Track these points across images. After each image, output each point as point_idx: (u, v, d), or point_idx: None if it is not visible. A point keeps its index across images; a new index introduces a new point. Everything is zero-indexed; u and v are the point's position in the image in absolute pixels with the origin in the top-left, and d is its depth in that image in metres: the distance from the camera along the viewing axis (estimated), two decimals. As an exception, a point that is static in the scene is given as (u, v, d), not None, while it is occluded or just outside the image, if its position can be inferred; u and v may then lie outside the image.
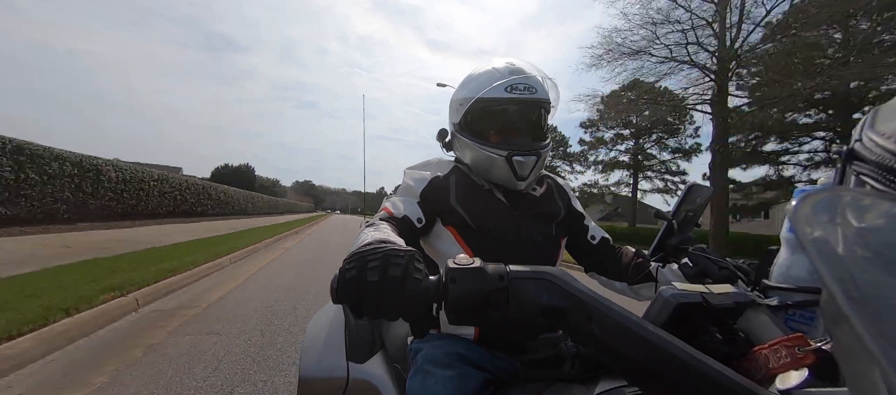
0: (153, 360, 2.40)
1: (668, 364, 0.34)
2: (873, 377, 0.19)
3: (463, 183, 0.88)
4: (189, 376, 2.21)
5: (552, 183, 0.98)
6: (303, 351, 0.95)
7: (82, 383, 2.09)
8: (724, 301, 0.48)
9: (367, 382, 0.85)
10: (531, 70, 0.87)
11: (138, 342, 2.71)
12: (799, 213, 0.24)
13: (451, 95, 0.97)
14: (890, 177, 0.32)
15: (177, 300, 3.84)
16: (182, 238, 8.43)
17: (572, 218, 0.95)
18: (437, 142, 1.02)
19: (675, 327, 0.46)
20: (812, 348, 0.38)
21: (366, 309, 0.41)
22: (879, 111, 0.37)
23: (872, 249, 0.21)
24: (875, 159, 0.34)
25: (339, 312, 1.02)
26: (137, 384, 2.11)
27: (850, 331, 0.19)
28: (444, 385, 0.68)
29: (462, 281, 0.40)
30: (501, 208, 0.86)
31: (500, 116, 0.87)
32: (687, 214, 0.95)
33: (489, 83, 0.84)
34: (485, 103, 0.85)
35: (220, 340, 2.78)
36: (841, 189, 0.36)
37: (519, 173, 0.83)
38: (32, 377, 2.16)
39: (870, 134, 0.36)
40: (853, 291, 0.20)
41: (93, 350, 2.54)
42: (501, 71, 0.86)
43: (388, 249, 0.44)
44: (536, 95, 0.84)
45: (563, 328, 0.40)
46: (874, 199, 0.24)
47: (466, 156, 0.91)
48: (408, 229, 0.78)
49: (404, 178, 0.90)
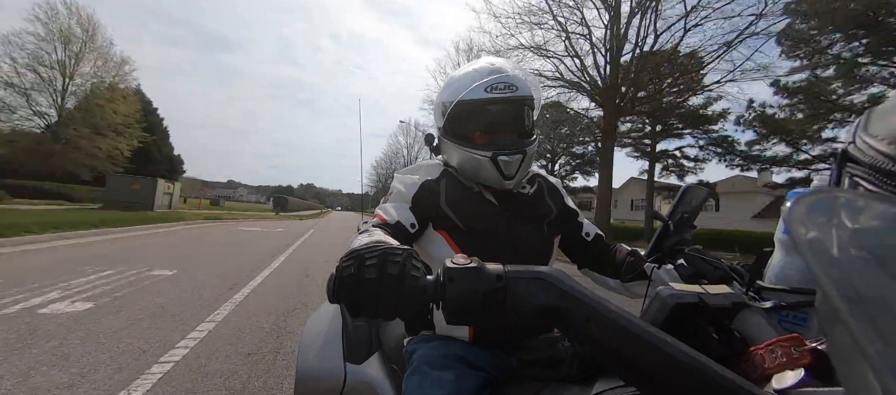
0: (321, 225, 19.53)
1: (665, 364, 0.34)
2: (868, 377, 0.19)
3: (453, 186, 0.88)
4: (325, 233, 14.46)
5: (543, 182, 0.98)
6: (300, 352, 0.95)
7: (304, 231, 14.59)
8: (721, 302, 0.49)
9: (364, 383, 0.85)
10: (511, 68, 0.86)
11: (315, 226, 18.54)
12: (793, 214, 0.24)
13: (435, 100, 0.97)
14: (883, 179, 0.32)
15: (320, 222, 22.17)
16: (307, 214, 36.77)
17: (565, 216, 0.95)
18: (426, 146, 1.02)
19: (672, 328, 0.46)
20: (808, 348, 0.39)
21: (363, 308, 0.41)
22: (872, 114, 0.37)
23: (867, 250, 0.22)
24: (868, 162, 0.34)
25: (337, 313, 1.02)
26: (317, 230, 15.59)
27: (844, 331, 0.20)
28: (441, 386, 0.68)
29: (460, 281, 0.40)
30: (492, 210, 0.86)
31: (483, 117, 0.86)
32: (683, 215, 0.96)
33: (469, 84, 0.84)
34: (466, 105, 0.85)
35: (327, 227, 18.19)
36: (835, 191, 0.36)
37: (505, 173, 0.83)
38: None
39: (863, 136, 0.36)
40: (848, 292, 0.20)
41: (317, 223, 21.02)
42: (481, 71, 0.85)
43: (385, 247, 0.44)
44: (517, 92, 0.84)
45: (560, 329, 0.40)
46: (868, 200, 0.25)
47: (453, 159, 0.90)
48: (401, 235, 0.77)
49: (395, 183, 0.90)
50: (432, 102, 7.14)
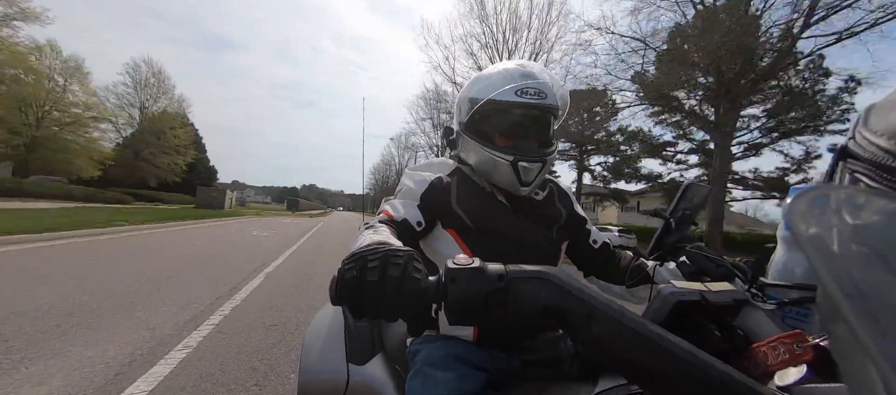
0: (325, 222, 22.43)
1: (667, 362, 0.34)
2: (870, 373, 0.19)
3: (464, 185, 0.88)
4: (329, 226, 18.39)
5: (554, 187, 0.98)
6: (303, 353, 0.95)
7: (318, 223, 21.55)
8: (723, 299, 0.49)
9: (367, 384, 0.85)
10: (542, 75, 0.86)
11: (323, 220, 26.69)
12: (795, 210, 0.24)
13: (459, 94, 0.96)
14: (884, 174, 0.32)
15: (324, 220, 26.79)
16: (315, 213, 45.75)
17: (574, 222, 0.95)
18: (443, 140, 1.02)
19: (674, 325, 0.46)
20: (810, 344, 0.39)
21: (365, 310, 0.41)
22: (873, 109, 0.37)
23: (868, 246, 0.21)
24: (868, 157, 0.34)
25: (339, 314, 1.02)
26: (325, 223, 22.01)
27: (846, 328, 0.20)
28: (444, 387, 0.68)
29: (462, 281, 0.40)
30: (503, 211, 0.86)
31: (508, 120, 0.86)
32: (684, 212, 0.96)
33: (500, 85, 0.83)
34: (494, 105, 0.84)
35: (332, 226, 19.34)
36: (836, 187, 0.36)
37: (523, 179, 0.82)
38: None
39: (863, 132, 0.36)
40: (849, 288, 0.20)
41: (324, 219, 27.43)
42: (513, 74, 0.84)
43: (387, 249, 0.44)
44: (546, 100, 0.83)
45: (562, 328, 0.40)
46: (869, 196, 0.25)
47: (471, 157, 0.90)
48: (407, 233, 0.77)
49: (404, 179, 0.90)
50: (417, 117, 11.33)
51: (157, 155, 31.32)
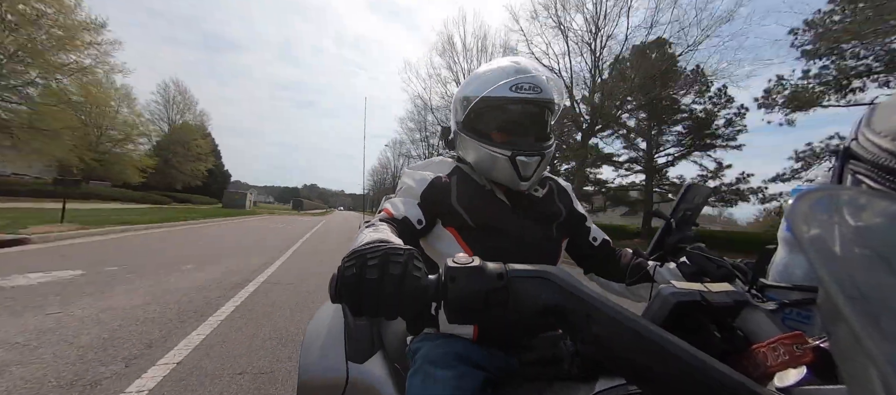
0: (327, 220, 28.17)
1: (667, 362, 0.34)
2: (871, 376, 0.19)
3: (464, 183, 0.88)
4: (331, 223, 22.34)
5: (553, 185, 0.98)
6: (302, 351, 0.95)
7: (316, 223, 22.34)
8: (723, 300, 0.48)
9: (366, 382, 0.85)
10: (536, 70, 0.86)
11: (325, 217, 33.57)
12: (796, 212, 0.24)
13: (455, 93, 0.96)
14: (887, 176, 0.32)
15: (326, 217, 34.55)
16: (318, 212, 61.35)
17: (574, 220, 0.95)
18: (441, 140, 1.02)
19: (674, 326, 0.46)
20: (810, 345, 0.38)
21: (365, 307, 0.41)
22: (876, 109, 0.37)
23: (870, 247, 0.21)
24: (871, 158, 0.33)
25: (339, 312, 1.02)
26: (327, 220, 27.43)
27: (847, 330, 0.19)
28: (444, 385, 0.68)
29: (461, 280, 0.40)
30: (503, 209, 0.86)
31: (505, 116, 0.86)
32: (685, 213, 0.95)
33: (494, 82, 0.83)
34: (489, 102, 0.84)
35: (333, 223, 23.08)
36: (838, 188, 0.36)
37: (522, 174, 0.82)
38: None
39: (866, 133, 0.35)
40: (851, 290, 0.20)
41: (326, 217, 35.56)
42: (507, 69, 0.85)
43: (387, 247, 0.44)
44: (542, 94, 0.83)
45: (562, 327, 0.40)
46: (872, 197, 0.24)
47: (469, 155, 0.90)
48: (408, 231, 0.78)
49: (405, 178, 0.90)
50: (410, 121, 11.59)
51: (183, 163, 36.53)
